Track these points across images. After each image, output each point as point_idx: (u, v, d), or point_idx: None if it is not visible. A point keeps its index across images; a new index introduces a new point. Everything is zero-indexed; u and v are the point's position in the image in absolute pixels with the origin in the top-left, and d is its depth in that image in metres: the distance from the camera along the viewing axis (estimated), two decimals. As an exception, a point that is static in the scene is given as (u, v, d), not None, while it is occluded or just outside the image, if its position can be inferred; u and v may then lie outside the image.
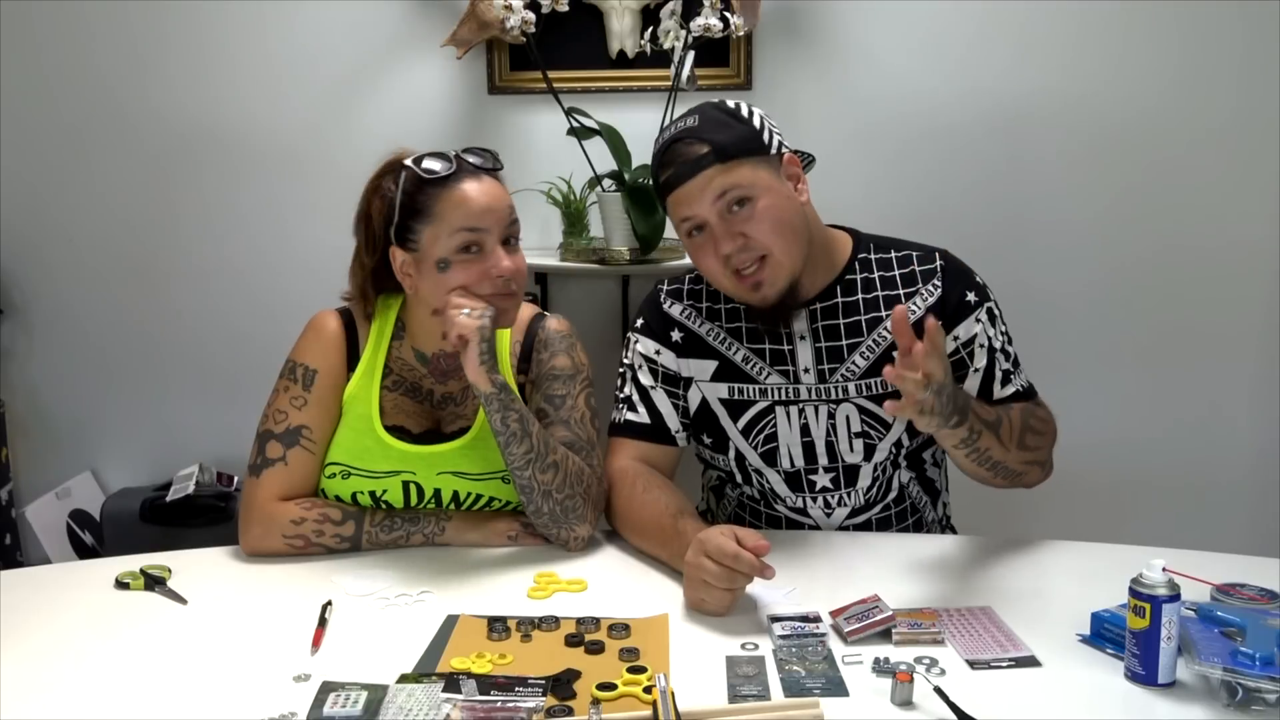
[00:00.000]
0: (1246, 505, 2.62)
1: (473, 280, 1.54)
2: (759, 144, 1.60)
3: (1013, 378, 1.69)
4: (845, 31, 2.52)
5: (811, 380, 1.66)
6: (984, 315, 1.68)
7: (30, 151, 2.64)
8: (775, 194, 1.59)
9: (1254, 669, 1.14)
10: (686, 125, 1.61)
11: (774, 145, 1.62)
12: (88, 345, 2.73)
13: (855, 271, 1.70)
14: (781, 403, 1.67)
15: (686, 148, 1.59)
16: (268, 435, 1.61)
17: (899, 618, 1.32)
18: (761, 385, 1.68)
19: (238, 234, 2.67)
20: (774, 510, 1.72)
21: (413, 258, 1.57)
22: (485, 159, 1.60)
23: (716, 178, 1.57)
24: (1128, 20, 2.50)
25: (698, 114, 1.62)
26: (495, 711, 1.13)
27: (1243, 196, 2.56)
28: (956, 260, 1.72)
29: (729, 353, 1.70)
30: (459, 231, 1.54)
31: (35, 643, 1.34)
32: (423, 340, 1.66)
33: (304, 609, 1.40)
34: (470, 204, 1.54)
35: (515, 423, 1.53)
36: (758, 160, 1.59)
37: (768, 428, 1.68)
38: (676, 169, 1.59)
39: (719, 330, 1.71)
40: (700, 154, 1.57)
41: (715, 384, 1.70)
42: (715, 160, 1.57)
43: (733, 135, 1.59)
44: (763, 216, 1.58)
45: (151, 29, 2.58)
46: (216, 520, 2.49)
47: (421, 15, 2.54)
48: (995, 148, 2.57)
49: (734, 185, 1.57)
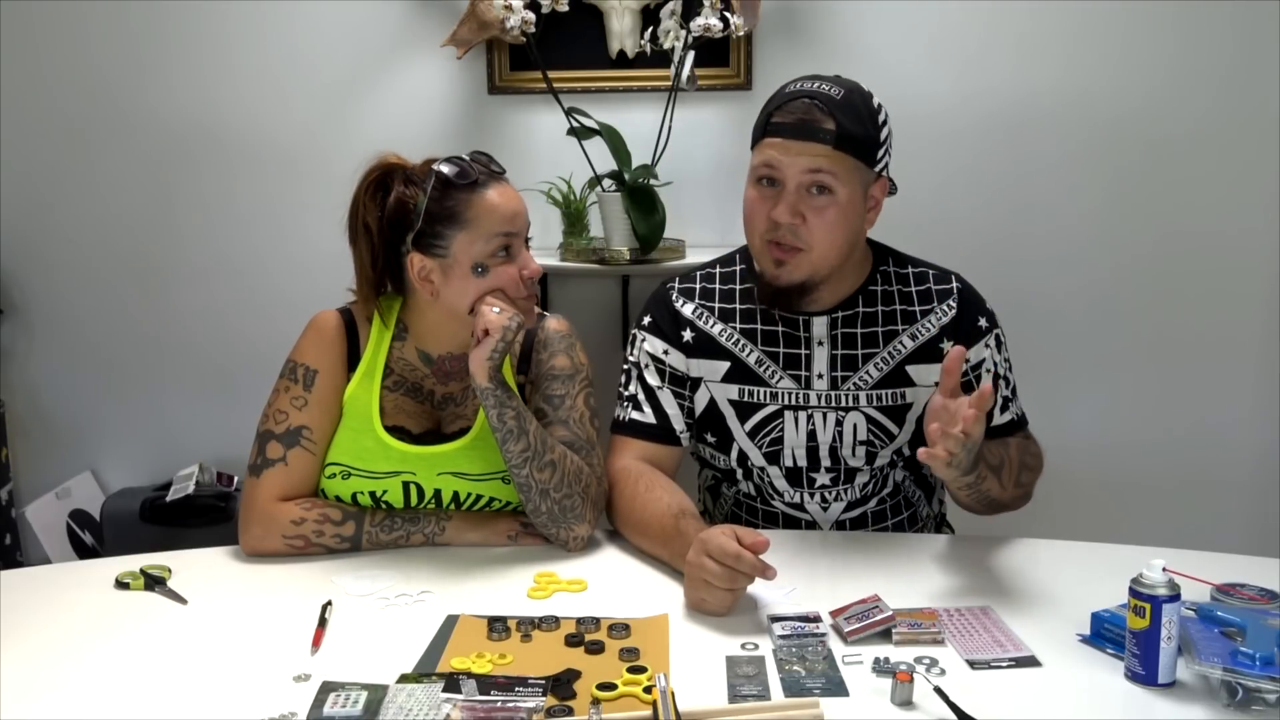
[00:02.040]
0: (1246, 505, 2.62)
1: (508, 282, 1.58)
2: (873, 154, 1.61)
3: (1010, 405, 1.73)
4: (845, 32, 2.52)
5: (824, 387, 1.67)
6: (992, 341, 1.71)
7: (30, 151, 2.64)
8: (853, 203, 1.60)
9: (1254, 669, 1.14)
10: (828, 92, 1.59)
11: (881, 164, 1.63)
12: (88, 345, 2.73)
13: (877, 283, 1.71)
14: (791, 408, 1.67)
15: (817, 109, 1.57)
16: (268, 435, 1.61)
17: (899, 618, 1.32)
18: (773, 389, 1.68)
19: (238, 234, 2.67)
20: (770, 506, 1.72)
21: (439, 264, 1.57)
22: (494, 164, 1.62)
23: (823, 155, 1.57)
24: (1127, 21, 2.50)
25: (844, 89, 1.60)
26: (495, 711, 1.14)
27: (1243, 196, 2.56)
28: (970, 285, 1.74)
29: (742, 354, 1.69)
30: (496, 236, 1.56)
31: (35, 643, 1.34)
32: (429, 342, 1.66)
33: (304, 609, 1.40)
34: (502, 209, 1.57)
35: (512, 419, 1.53)
36: (861, 166, 1.60)
37: (774, 431, 1.68)
38: (795, 121, 1.58)
39: (733, 331, 1.70)
40: (826, 126, 1.57)
41: (726, 385, 1.70)
42: (832, 140, 1.56)
43: (861, 131, 1.59)
44: (830, 215, 1.58)
45: (151, 29, 2.58)
46: (216, 520, 2.49)
47: (421, 15, 2.54)
48: (996, 148, 2.57)
49: (831, 173, 1.57)
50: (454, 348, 1.65)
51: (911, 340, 1.67)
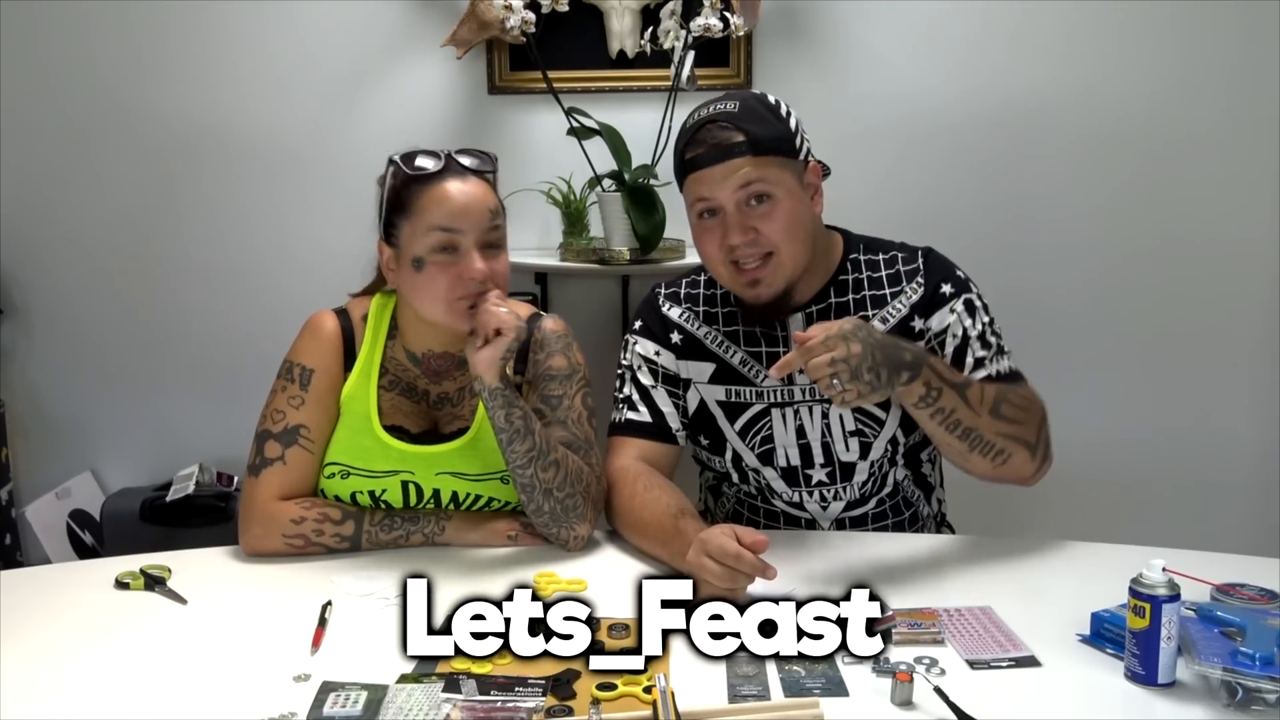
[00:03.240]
0: (1246, 505, 2.62)
1: (448, 283, 1.53)
2: (791, 146, 1.62)
3: (987, 363, 1.66)
4: (845, 31, 2.52)
5: (806, 381, 1.66)
6: (960, 306, 1.67)
7: (31, 151, 2.64)
8: (795, 197, 1.61)
9: (1254, 669, 1.14)
10: (725, 109, 1.60)
11: (803, 151, 1.64)
12: (88, 345, 2.73)
13: (847, 272, 1.71)
14: (777, 405, 1.68)
15: (721, 131, 1.59)
16: (266, 435, 1.61)
17: (899, 618, 1.32)
18: (758, 388, 1.69)
19: (238, 233, 2.67)
20: (771, 505, 1.72)
21: (394, 254, 1.58)
22: (477, 160, 1.59)
23: (745, 168, 1.57)
24: (1127, 20, 2.50)
25: (738, 101, 1.62)
26: (495, 711, 1.14)
27: (1242, 195, 2.56)
28: (939, 256, 1.72)
29: (726, 355, 1.70)
30: (433, 230, 1.53)
31: (35, 643, 1.34)
32: (412, 340, 1.66)
33: (304, 609, 1.40)
34: (447, 204, 1.54)
35: (519, 419, 1.53)
36: (786, 161, 1.60)
37: (764, 429, 1.69)
38: (707, 150, 1.59)
39: (716, 333, 1.71)
40: (735, 141, 1.57)
41: (713, 386, 1.71)
42: (748, 151, 1.57)
43: (770, 131, 1.59)
44: (779, 216, 1.59)
45: (151, 29, 2.58)
46: (216, 520, 2.49)
47: (421, 15, 2.54)
48: (995, 148, 2.57)
49: (760, 180, 1.57)
50: (435, 346, 1.64)
51: (883, 324, 1.66)
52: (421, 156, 1.57)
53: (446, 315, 1.55)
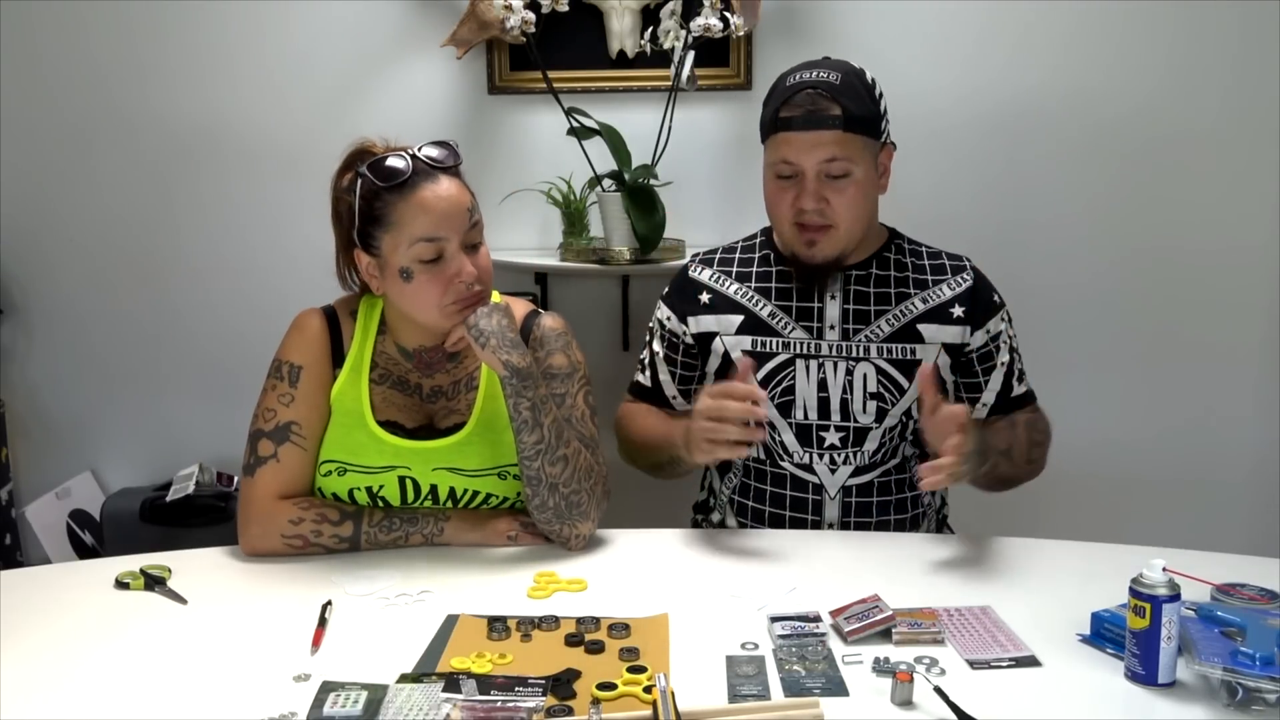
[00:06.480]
0: (1246, 505, 2.62)
1: (439, 290, 1.53)
2: (877, 128, 1.69)
3: (1024, 378, 1.80)
4: (845, 31, 2.52)
5: (835, 337, 1.73)
6: (1006, 316, 1.78)
7: (30, 151, 2.64)
8: (869, 177, 1.69)
9: (1254, 669, 1.14)
10: (826, 79, 1.65)
11: (885, 134, 1.71)
12: (88, 345, 2.73)
13: (891, 253, 1.79)
14: (803, 356, 1.74)
15: (821, 98, 1.64)
16: (259, 434, 1.61)
17: (899, 617, 1.32)
18: (785, 339, 1.74)
19: (238, 234, 2.67)
20: (779, 468, 1.75)
21: (376, 262, 1.57)
22: (443, 152, 1.57)
23: (833, 142, 1.64)
24: (1126, 20, 2.50)
25: (840, 74, 1.67)
26: (495, 711, 1.14)
27: (1243, 195, 2.56)
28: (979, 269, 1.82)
29: (756, 308, 1.77)
30: (419, 242, 1.52)
31: (35, 643, 1.34)
32: (403, 335, 1.66)
33: (304, 609, 1.40)
34: (428, 213, 1.52)
35: (527, 410, 1.53)
36: (869, 142, 1.67)
37: (786, 380, 1.74)
38: (803, 114, 1.64)
39: (748, 290, 1.78)
40: (833, 113, 1.63)
41: (739, 337, 1.77)
42: (840, 126, 1.63)
43: (863, 110, 1.66)
44: (852, 194, 1.66)
45: (151, 29, 2.58)
46: (216, 520, 2.49)
47: (421, 15, 2.54)
48: (995, 148, 2.57)
49: (845, 157, 1.64)
50: (426, 341, 1.64)
51: (923, 303, 1.74)
52: (391, 157, 1.54)
53: (440, 319, 1.56)
